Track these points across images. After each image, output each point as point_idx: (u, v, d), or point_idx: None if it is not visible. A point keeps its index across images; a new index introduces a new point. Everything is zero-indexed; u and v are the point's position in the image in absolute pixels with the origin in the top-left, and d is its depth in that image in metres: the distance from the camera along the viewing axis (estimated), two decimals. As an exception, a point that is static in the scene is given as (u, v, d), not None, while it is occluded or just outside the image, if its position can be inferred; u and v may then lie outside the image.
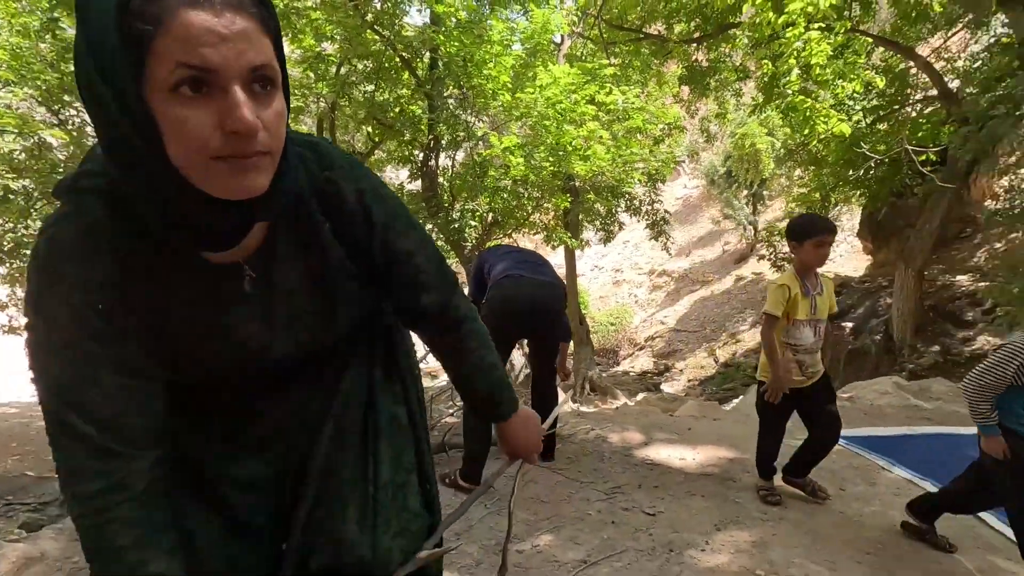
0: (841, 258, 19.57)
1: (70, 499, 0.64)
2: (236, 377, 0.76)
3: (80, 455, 0.63)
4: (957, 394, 4.11)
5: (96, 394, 0.63)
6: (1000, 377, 1.74)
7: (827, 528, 2.15)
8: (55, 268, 0.61)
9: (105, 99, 0.53)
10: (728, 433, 3.27)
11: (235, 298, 0.70)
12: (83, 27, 0.53)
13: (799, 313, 2.25)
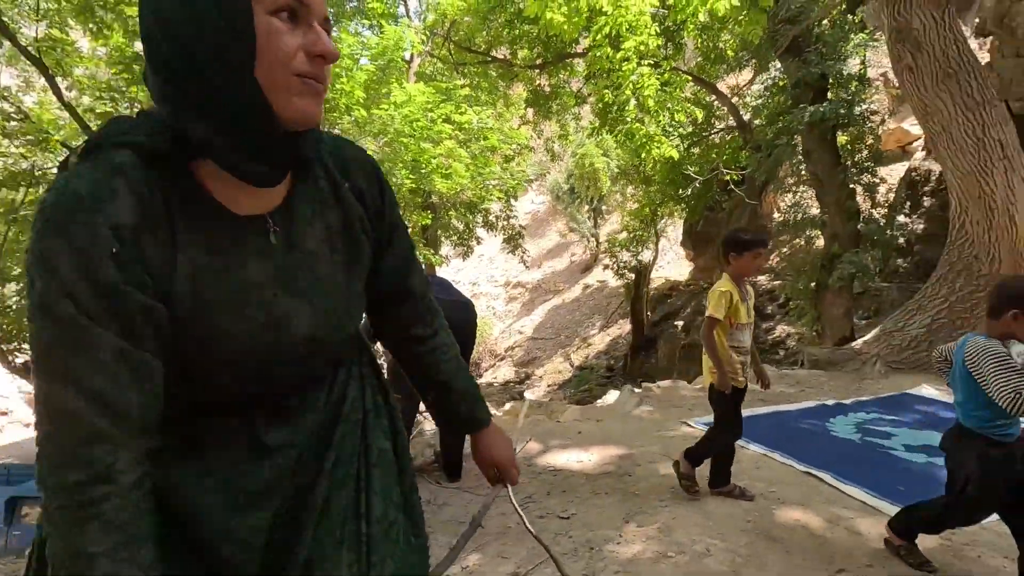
0: (669, 264, 22.18)
1: (47, 492, 0.56)
2: (251, 371, 0.68)
3: (64, 437, 0.56)
4: (780, 377, 4.94)
5: (90, 360, 0.56)
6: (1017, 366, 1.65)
7: (713, 507, 2.46)
8: (64, 214, 0.55)
9: (208, 12, 0.57)
10: (613, 433, 3.55)
11: (258, 253, 0.67)
12: None
13: (741, 317, 2.36)
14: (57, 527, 0.56)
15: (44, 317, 0.55)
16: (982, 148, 4.27)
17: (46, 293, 0.55)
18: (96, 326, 0.56)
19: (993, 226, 4.26)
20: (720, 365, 2.32)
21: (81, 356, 0.56)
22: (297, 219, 0.70)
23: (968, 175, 4.39)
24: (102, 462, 0.56)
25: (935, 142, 4.74)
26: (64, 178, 0.58)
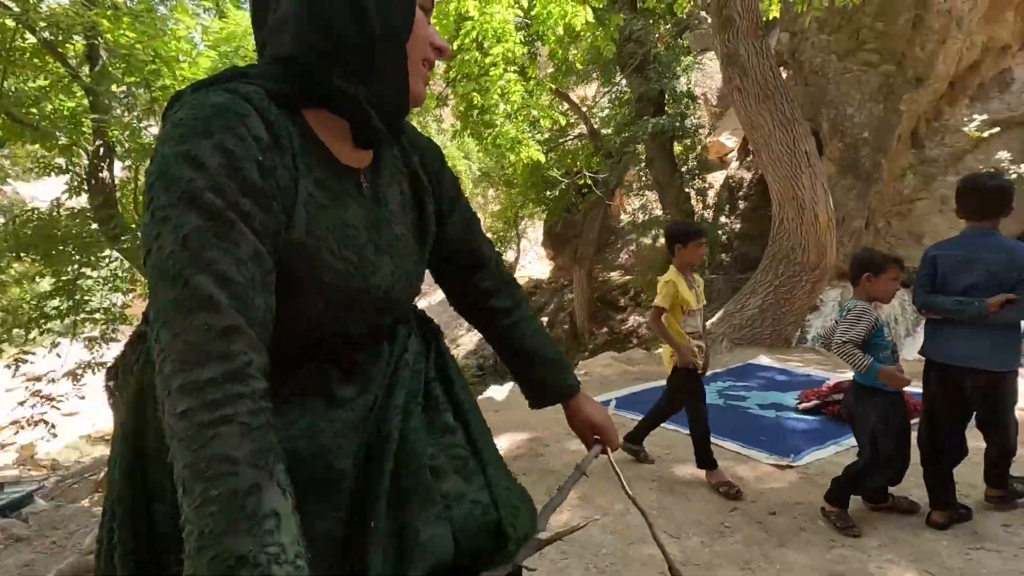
0: (530, 264, 23.19)
1: (172, 398, 0.51)
2: (332, 316, 0.69)
3: (198, 333, 0.52)
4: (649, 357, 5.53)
5: (232, 253, 0.55)
6: (857, 333, 1.97)
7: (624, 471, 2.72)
8: (207, 120, 0.56)
9: (377, 25, 0.64)
10: (515, 421, 3.70)
11: (355, 200, 0.72)
12: None
13: (691, 304, 2.50)
14: (185, 437, 0.50)
15: (188, 209, 0.53)
16: (794, 158, 5.21)
17: (193, 185, 0.54)
18: (240, 222, 0.55)
19: (803, 222, 5.22)
20: (677, 346, 2.47)
21: (225, 248, 0.54)
22: (382, 180, 0.76)
23: (784, 180, 5.32)
24: (239, 359, 0.53)
25: (759, 152, 5.66)
26: (195, 98, 0.58)
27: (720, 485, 2.47)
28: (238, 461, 0.50)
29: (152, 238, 0.54)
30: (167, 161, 0.54)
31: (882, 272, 1.99)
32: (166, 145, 0.55)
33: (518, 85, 8.15)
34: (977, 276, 2.03)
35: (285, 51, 0.64)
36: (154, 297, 0.54)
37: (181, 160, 0.54)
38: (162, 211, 0.54)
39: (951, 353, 2.07)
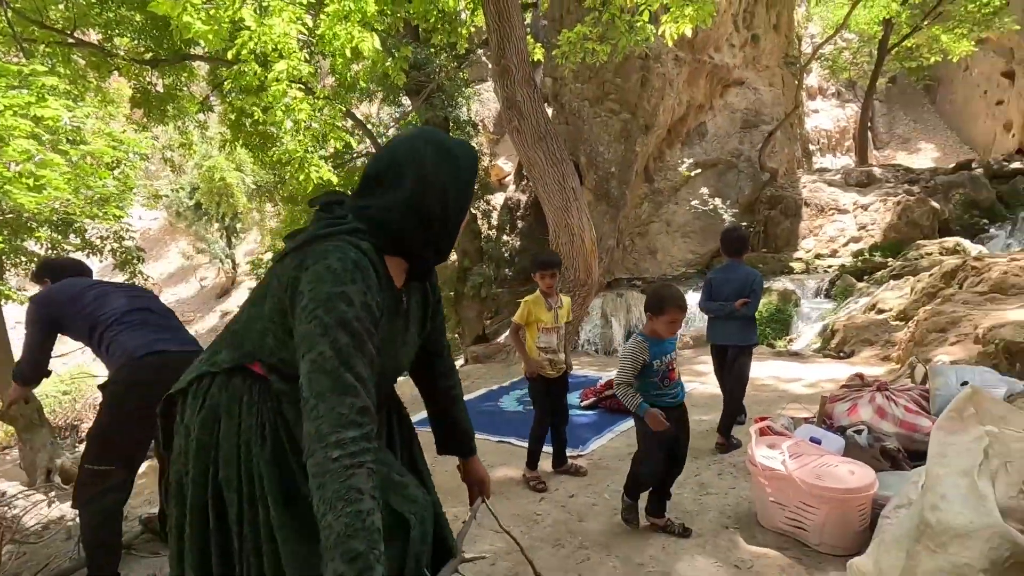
0: (316, 284, 22.08)
1: (332, 446, 0.83)
2: (386, 381, 1.10)
3: (348, 407, 0.85)
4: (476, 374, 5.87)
5: (366, 365, 0.90)
6: (630, 371, 2.15)
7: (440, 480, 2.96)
8: (354, 273, 0.92)
9: (463, 197, 1.07)
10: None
11: (401, 312, 1.09)
12: (463, 176, 1.06)
13: (546, 322, 2.80)
14: (334, 473, 0.82)
15: (342, 330, 0.89)
16: (563, 192, 6.14)
17: (346, 315, 0.89)
18: (367, 340, 0.91)
19: (574, 246, 6.17)
20: (525, 358, 2.84)
21: (360, 356, 0.89)
22: (412, 296, 1.14)
23: (557, 210, 6.23)
24: (368, 426, 0.86)
25: (536, 185, 6.50)
26: (341, 252, 0.94)
27: (531, 480, 2.88)
28: (364, 492, 0.82)
29: (313, 345, 0.88)
30: (329, 296, 0.89)
31: (660, 315, 2.12)
32: (326, 285, 0.90)
33: (305, 103, 7.89)
34: (731, 289, 3.19)
35: (392, 227, 1.02)
36: (311, 384, 0.87)
37: (338, 298, 0.90)
38: (322, 328, 0.88)
39: (719, 335, 3.30)
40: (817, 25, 18.74)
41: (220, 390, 1.04)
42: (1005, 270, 4.33)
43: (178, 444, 1.07)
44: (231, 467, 1.00)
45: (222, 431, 1.02)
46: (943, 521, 1.43)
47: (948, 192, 11.98)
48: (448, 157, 1.04)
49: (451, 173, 1.03)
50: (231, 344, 1.07)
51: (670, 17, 6.97)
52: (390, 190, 1.01)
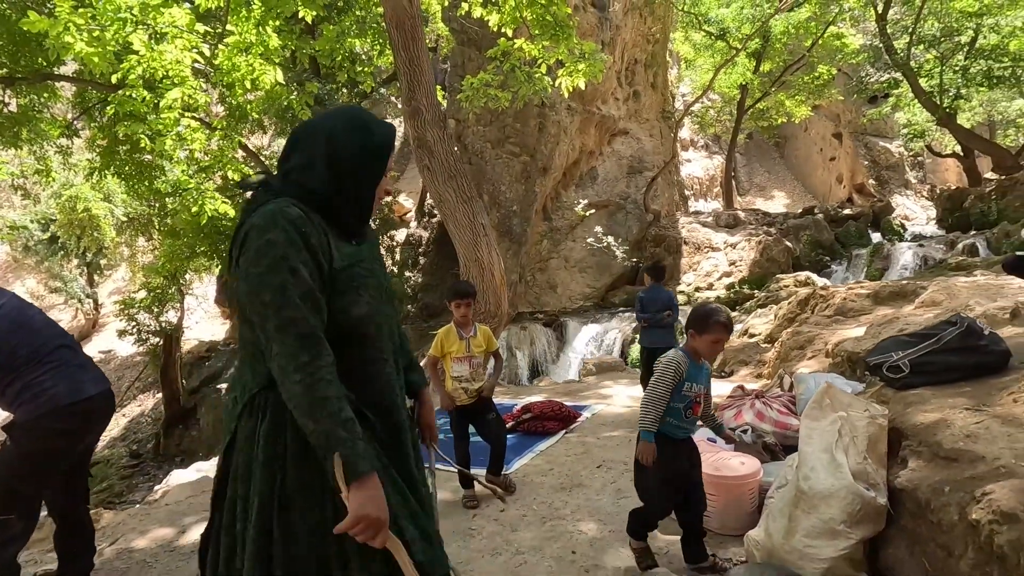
0: (199, 324, 20.29)
1: (292, 372, 0.98)
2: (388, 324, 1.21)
3: (294, 339, 0.99)
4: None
5: (315, 303, 1.03)
6: (669, 381, 1.95)
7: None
8: (292, 221, 1.04)
9: (364, 181, 1.17)
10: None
11: (356, 246, 1.18)
12: (375, 141, 1.16)
13: (457, 352, 2.87)
14: (301, 388, 0.97)
15: (274, 273, 1.01)
16: (473, 228, 6.42)
17: (285, 256, 1.02)
18: (309, 277, 1.03)
19: (484, 279, 6.42)
20: (440, 391, 2.87)
21: (301, 289, 1.01)
22: (371, 252, 1.25)
23: (468, 246, 6.48)
24: (314, 348, 1.00)
25: (447, 221, 6.72)
26: (275, 207, 1.06)
27: (465, 499, 2.95)
28: (329, 398, 0.98)
29: (256, 296, 1.02)
30: (271, 238, 1.02)
31: (704, 333, 1.98)
32: (270, 229, 1.03)
33: (199, 133, 7.56)
34: (657, 305, 4.27)
35: (309, 185, 1.12)
36: (263, 329, 1.02)
37: (265, 247, 1.02)
38: (258, 279, 1.02)
39: (649, 340, 4.37)
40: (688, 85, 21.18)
41: (276, 405, 1.08)
42: (845, 297, 5.23)
43: (236, 462, 1.10)
44: (304, 470, 1.06)
45: (289, 438, 1.07)
46: (812, 488, 1.79)
47: (798, 233, 13.93)
48: (359, 124, 1.15)
49: (362, 137, 1.14)
50: (253, 359, 1.11)
51: (565, 71, 7.66)
52: (305, 151, 1.13)
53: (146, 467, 14.28)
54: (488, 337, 3.02)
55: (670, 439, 2.01)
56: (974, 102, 15.73)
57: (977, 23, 12.81)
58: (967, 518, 1.42)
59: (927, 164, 22.90)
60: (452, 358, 2.89)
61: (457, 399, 2.92)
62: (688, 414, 2.04)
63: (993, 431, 1.67)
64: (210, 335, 19.26)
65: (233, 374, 1.25)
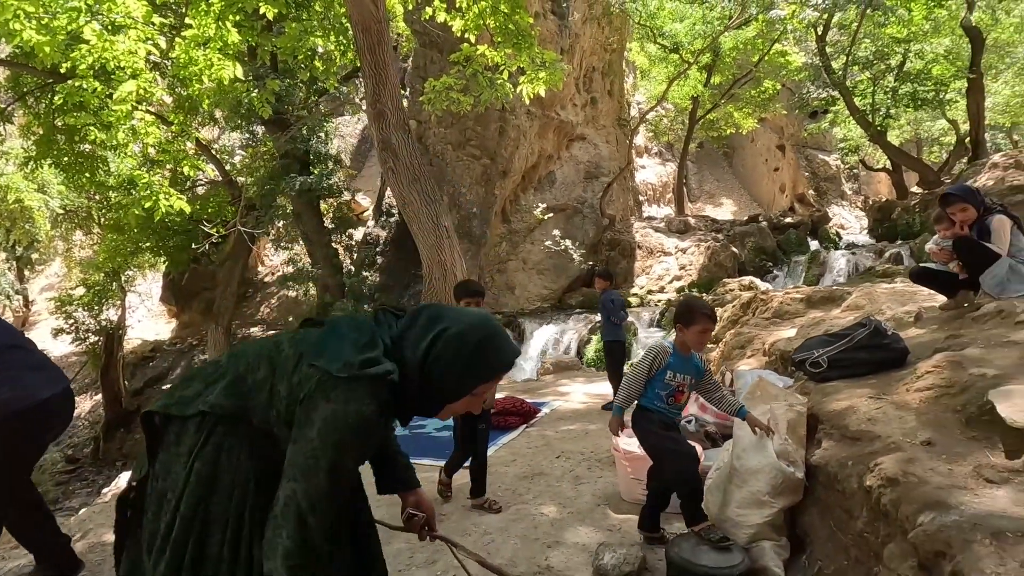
0: (143, 323, 19.46)
1: (313, 551, 0.98)
2: None
3: (298, 548, 0.97)
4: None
5: (331, 509, 1.02)
6: (644, 368, 2.13)
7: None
8: (371, 430, 1.04)
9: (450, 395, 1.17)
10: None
11: None
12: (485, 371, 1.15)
13: None
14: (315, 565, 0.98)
15: (328, 476, 0.99)
16: (437, 230, 6.56)
17: (338, 464, 1.01)
18: (345, 484, 1.07)
19: (447, 280, 6.58)
20: None
21: (331, 502, 1.01)
22: None
23: (431, 248, 6.62)
24: (311, 566, 0.99)
25: (411, 224, 6.83)
26: (360, 404, 1.02)
27: (440, 484, 2.98)
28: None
29: (297, 478, 1.00)
30: (334, 445, 1.00)
31: (691, 325, 2.08)
32: (335, 434, 1.00)
33: (154, 127, 7.39)
34: (618, 306, 4.77)
35: (409, 386, 1.09)
36: (284, 510, 0.99)
37: (338, 448, 1.01)
38: (314, 468, 0.99)
39: (608, 335, 4.88)
40: (643, 94, 21.88)
41: (226, 434, 1.09)
42: (781, 301, 5.68)
43: (175, 470, 1.09)
44: (223, 504, 1.06)
45: (222, 468, 1.07)
46: (744, 466, 2.07)
47: (743, 240, 14.70)
48: (485, 350, 1.10)
49: (486, 365, 1.12)
50: (235, 392, 1.11)
51: (527, 78, 7.91)
52: (425, 342, 1.09)
53: (84, 472, 13.62)
54: None
55: (665, 419, 2.17)
56: (902, 121, 16.99)
57: (905, 48, 13.88)
58: (863, 485, 1.71)
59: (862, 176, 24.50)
60: None
61: None
62: (671, 401, 2.16)
63: (889, 415, 2.00)
64: (154, 334, 18.49)
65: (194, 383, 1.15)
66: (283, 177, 11.64)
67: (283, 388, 1.07)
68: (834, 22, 14.60)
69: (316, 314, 13.11)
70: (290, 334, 1.18)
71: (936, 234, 2.98)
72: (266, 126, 12.33)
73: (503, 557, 2.26)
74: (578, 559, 2.20)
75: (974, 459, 1.59)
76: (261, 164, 12.66)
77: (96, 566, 2.46)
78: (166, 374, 15.73)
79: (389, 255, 15.31)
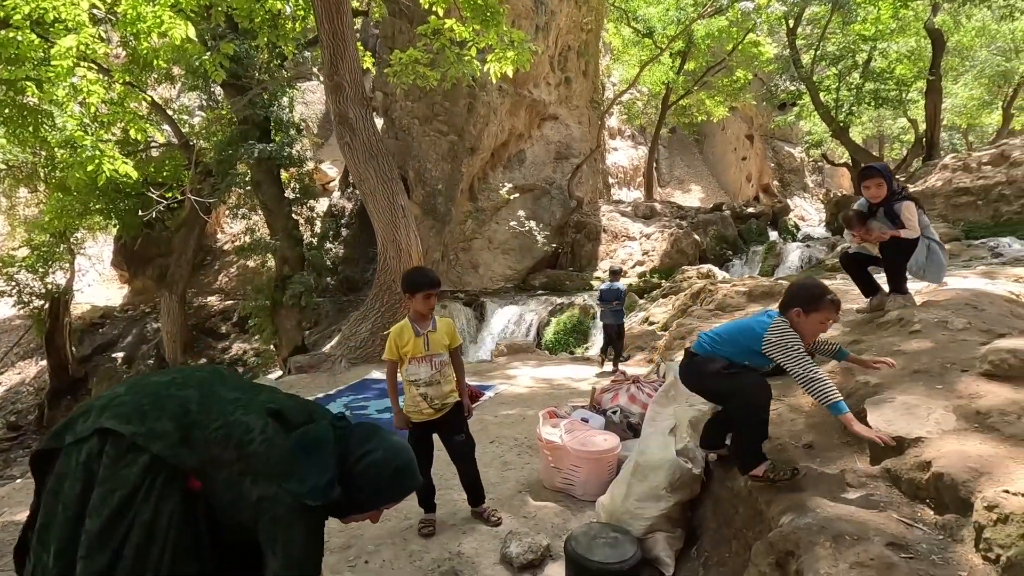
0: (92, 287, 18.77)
1: None
2: None
3: None
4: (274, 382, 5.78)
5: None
6: (801, 351, 1.77)
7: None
8: (316, 539, 1.22)
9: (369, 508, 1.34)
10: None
11: None
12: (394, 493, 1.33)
13: (415, 352, 2.38)
14: None
15: (311, 554, 1.20)
16: (393, 209, 6.49)
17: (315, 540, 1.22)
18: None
19: (401, 259, 6.54)
20: (393, 405, 2.47)
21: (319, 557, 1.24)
22: None
23: (386, 226, 6.55)
24: None
25: (366, 201, 6.73)
26: (313, 523, 1.22)
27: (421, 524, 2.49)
28: None
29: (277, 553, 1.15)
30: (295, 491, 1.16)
31: (816, 311, 1.81)
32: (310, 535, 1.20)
33: (98, 86, 7.04)
34: (612, 296, 5.77)
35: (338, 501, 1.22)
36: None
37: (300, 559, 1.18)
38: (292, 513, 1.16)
39: (605, 319, 5.92)
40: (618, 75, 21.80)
41: (165, 484, 1.12)
42: (725, 294, 5.85)
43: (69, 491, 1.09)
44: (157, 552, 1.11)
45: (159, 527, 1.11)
46: (647, 461, 2.17)
47: (706, 228, 14.96)
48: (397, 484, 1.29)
49: (394, 491, 1.30)
50: (182, 440, 1.15)
51: (494, 57, 7.79)
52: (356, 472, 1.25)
53: (27, 440, 13.24)
54: (451, 331, 2.51)
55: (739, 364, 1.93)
56: (865, 118, 17.42)
57: (872, 46, 14.15)
58: (747, 484, 1.82)
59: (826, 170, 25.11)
60: (409, 359, 2.40)
61: (417, 412, 2.40)
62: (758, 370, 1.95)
63: (783, 416, 2.11)
64: (105, 299, 17.88)
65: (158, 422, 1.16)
66: (242, 143, 11.27)
67: (248, 489, 1.15)
68: (805, 16, 14.76)
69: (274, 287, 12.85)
70: (262, 421, 1.22)
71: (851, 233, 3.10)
72: (225, 89, 11.86)
73: (418, 543, 2.33)
74: (488, 545, 2.28)
75: (843, 463, 1.71)
76: (219, 129, 12.21)
77: (7, 546, 2.44)
78: (116, 341, 15.31)
79: (354, 227, 15.07)
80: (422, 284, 2.41)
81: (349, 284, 14.80)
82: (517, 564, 2.07)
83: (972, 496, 1.32)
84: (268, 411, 1.24)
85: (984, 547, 1.21)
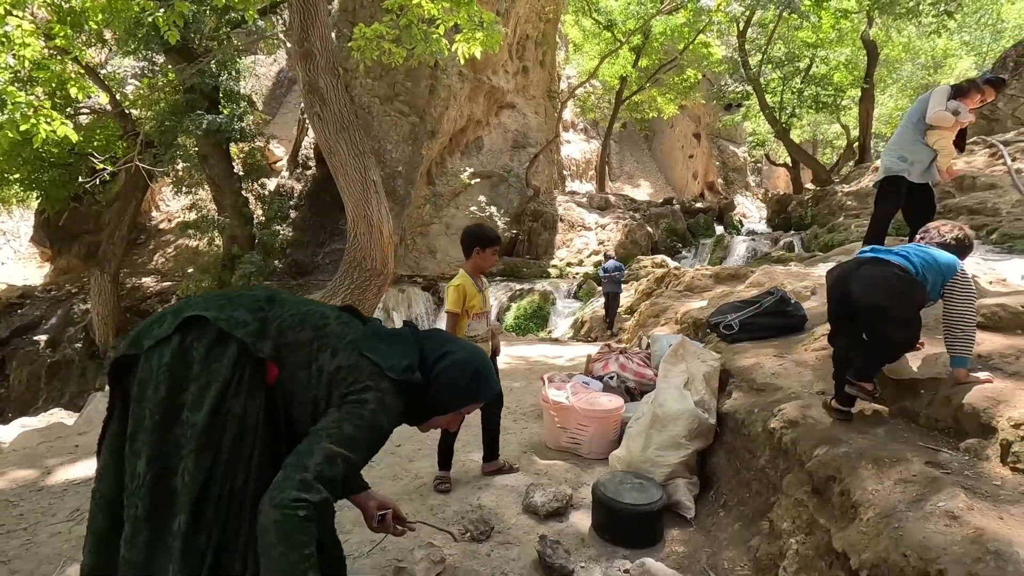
0: (4, 266, 17.22)
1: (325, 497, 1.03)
2: None
3: (332, 485, 1.05)
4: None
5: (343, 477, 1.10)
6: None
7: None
8: (385, 421, 1.13)
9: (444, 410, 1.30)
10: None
11: None
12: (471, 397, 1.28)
13: (477, 307, 2.41)
14: (293, 522, 0.99)
15: (374, 430, 1.11)
16: (364, 184, 6.31)
17: (378, 440, 1.13)
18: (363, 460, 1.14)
19: (372, 236, 6.38)
20: None
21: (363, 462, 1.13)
22: None
23: (357, 202, 6.37)
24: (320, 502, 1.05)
25: (336, 175, 6.51)
26: (391, 400, 1.14)
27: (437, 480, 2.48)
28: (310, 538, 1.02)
29: (332, 436, 1.06)
30: (379, 406, 1.11)
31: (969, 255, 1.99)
32: (373, 406, 1.11)
33: (32, 39, 6.46)
34: (614, 267, 7.31)
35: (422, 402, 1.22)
36: (311, 451, 1.04)
37: (371, 423, 1.10)
38: (364, 420, 1.10)
39: (608, 288, 7.21)
40: (574, 68, 22.05)
41: (254, 375, 1.11)
42: (693, 276, 6.12)
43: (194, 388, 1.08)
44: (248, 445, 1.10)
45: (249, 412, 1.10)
46: (665, 412, 2.26)
47: (658, 220, 15.46)
48: (478, 379, 1.26)
49: (477, 391, 1.26)
50: (276, 341, 1.14)
51: (463, 37, 7.70)
52: (436, 371, 1.24)
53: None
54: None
55: None
56: (804, 121, 18.46)
57: (813, 53, 15.00)
58: (767, 428, 1.94)
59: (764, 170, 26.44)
60: (471, 315, 2.42)
61: None
62: None
63: (790, 370, 2.25)
64: (23, 279, 16.41)
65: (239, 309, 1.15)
66: (187, 114, 10.62)
67: (327, 361, 1.13)
68: (754, 20, 15.44)
69: (222, 266, 12.24)
70: (335, 311, 1.26)
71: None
72: (168, 55, 11.11)
73: (436, 498, 2.32)
74: (508, 499, 2.31)
75: (858, 405, 1.85)
76: (161, 97, 11.43)
77: None
78: (39, 323, 14.14)
79: (304, 209, 14.52)
80: (494, 238, 2.44)
81: (298, 267, 14.27)
82: (543, 512, 2.11)
83: (993, 420, 1.47)
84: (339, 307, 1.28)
85: (1012, 460, 1.36)
